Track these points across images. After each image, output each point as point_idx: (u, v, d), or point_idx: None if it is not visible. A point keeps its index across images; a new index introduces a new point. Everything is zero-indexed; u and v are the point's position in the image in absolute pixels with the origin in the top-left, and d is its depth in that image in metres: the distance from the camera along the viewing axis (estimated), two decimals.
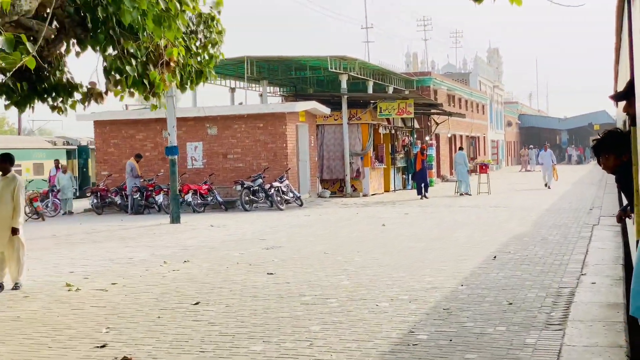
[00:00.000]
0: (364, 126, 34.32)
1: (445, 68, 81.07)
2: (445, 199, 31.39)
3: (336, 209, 27.35)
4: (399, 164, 39.13)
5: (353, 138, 34.28)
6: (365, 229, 19.91)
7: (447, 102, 51.55)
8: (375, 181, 35.32)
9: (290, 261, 14.11)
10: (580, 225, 19.84)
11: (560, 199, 29.55)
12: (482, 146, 65.91)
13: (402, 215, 23.94)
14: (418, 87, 46.29)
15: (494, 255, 14.17)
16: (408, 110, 33.86)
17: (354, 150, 34.07)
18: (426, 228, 19.80)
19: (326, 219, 23.25)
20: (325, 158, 34.51)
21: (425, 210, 26.10)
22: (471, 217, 22.97)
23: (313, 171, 32.13)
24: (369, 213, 25.22)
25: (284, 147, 29.22)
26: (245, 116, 29.53)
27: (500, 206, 27.04)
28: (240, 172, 29.38)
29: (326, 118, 34.60)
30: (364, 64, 34.85)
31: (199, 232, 20.18)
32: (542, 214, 23.52)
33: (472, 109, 61.79)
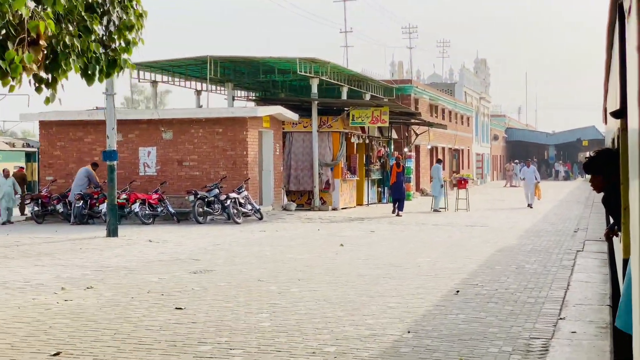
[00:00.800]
0: (335, 135, 32.12)
1: (431, 78, 79.08)
2: (420, 216, 29.20)
3: (298, 224, 25.11)
4: (373, 176, 36.93)
5: (323, 147, 32.07)
6: (320, 250, 17.67)
7: (428, 112, 49.44)
8: (347, 194, 33.10)
9: (213, 290, 11.84)
10: (562, 251, 17.68)
11: (542, 219, 27.40)
12: (466, 159, 63.82)
13: (367, 234, 21.72)
14: (398, 96, 44.17)
15: (457, 289, 11.94)
16: (383, 119, 31.68)
17: (323, 161, 31.86)
18: (388, 250, 17.57)
19: (281, 235, 21.00)
20: (292, 168, 32.28)
21: (394, 228, 23.88)
22: (442, 237, 20.77)
23: (278, 182, 29.88)
24: (331, 230, 22.98)
25: (244, 154, 26.97)
26: (204, 120, 27.28)
27: (476, 225, 24.86)
28: (196, 180, 27.11)
29: (295, 125, 32.39)
30: (337, 68, 32.66)
31: (130, 249, 17.88)
32: (521, 235, 21.34)
33: (456, 121, 59.72)
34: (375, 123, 31.89)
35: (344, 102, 31.69)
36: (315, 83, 31.50)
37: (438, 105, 52.32)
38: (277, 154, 29.75)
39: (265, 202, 29.27)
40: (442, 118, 53.97)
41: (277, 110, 28.74)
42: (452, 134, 57.34)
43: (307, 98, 32.16)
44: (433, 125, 42.24)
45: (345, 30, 66.67)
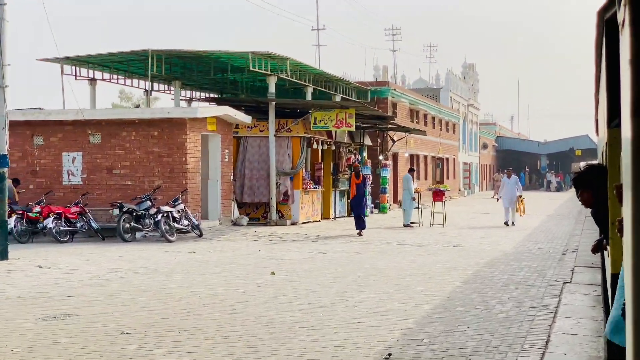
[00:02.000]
0: (296, 140, 28.71)
1: (417, 83, 75.78)
2: (388, 233, 25.79)
3: (241, 243, 21.69)
4: (342, 187, 33.53)
5: (281, 154, 28.66)
6: (242, 280, 14.26)
7: (408, 117, 46.08)
8: (309, 206, 29.67)
9: (39, 352, 8.40)
10: (545, 283, 14.35)
11: (527, 238, 24.02)
12: (451, 169, 60.46)
13: (314, 257, 18.32)
14: (374, 99, 40.80)
15: (388, 353, 8.53)
16: (348, 122, 28.29)
17: (282, 169, 28.45)
18: (328, 282, 14.17)
19: (207, 260, 17.56)
20: (247, 177, 28.85)
21: (350, 249, 20.48)
22: (403, 262, 17.38)
23: (227, 193, 26.45)
24: (275, 251, 19.56)
25: (183, 161, 23.55)
26: (137, 122, 23.84)
27: (449, 245, 21.49)
28: (128, 191, 23.67)
29: (250, 129, 28.99)
30: (299, 65, 29.27)
31: (2, 279, 14.40)
32: (498, 260, 17.99)
33: (441, 128, 56.37)
34: (339, 127, 28.50)
35: (304, 103, 28.28)
36: (272, 81, 28.11)
37: (419, 111, 48.97)
38: (226, 161, 26.33)
39: (212, 216, 25.84)
40: (424, 124, 50.62)
41: (223, 111, 25.33)
42: (436, 142, 54.01)
43: (264, 98, 28.76)
44: (411, 131, 38.86)
45: (318, 28, 63.11)
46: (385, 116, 32.02)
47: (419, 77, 76.89)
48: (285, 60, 27.72)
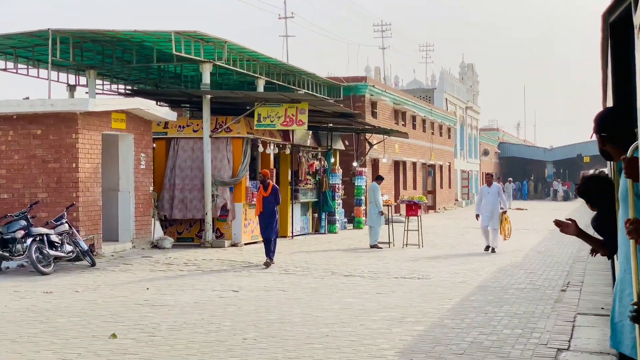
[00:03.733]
0: (237, 142, 23.69)
1: (412, 85, 70.62)
2: (343, 257, 20.76)
3: (139, 274, 16.72)
4: (304, 199, 28.45)
5: (219, 159, 23.65)
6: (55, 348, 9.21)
7: (392, 118, 41.00)
8: (256, 223, 24.54)
9: None
10: (529, 349, 9.32)
11: (518, 263, 18.94)
12: (445, 177, 55.29)
13: (210, 301, 13.35)
14: (348, 97, 35.75)
15: None
16: (300, 120, 23.22)
17: (219, 177, 23.44)
18: (188, 351, 9.14)
19: (47, 308, 12.50)
20: (178, 188, 23.81)
21: (276, 284, 15.49)
22: (330, 310, 12.36)
23: (144, 207, 21.43)
24: (169, 289, 14.56)
25: (72, 168, 18.54)
26: (14, 117, 18.84)
27: (413, 277, 16.46)
28: (5, 206, 18.66)
29: (181, 128, 23.97)
30: (244, 51, 24.28)
31: None
32: (469, 303, 12.97)
33: (433, 131, 51.24)
34: (288, 124, 23.40)
35: (245, 95, 23.15)
36: (206, 70, 23.11)
37: (406, 112, 43.85)
38: (142, 168, 21.30)
39: (123, 237, 20.84)
40: (411, 127, 45.53)
41: (134, 104, 20.34)
42: (427, 147, 48.90)
43: (195, 90, 23.72)
44: (390, 133, 33.79)
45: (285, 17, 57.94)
46: (349, 113, 26.91)
47: (414, 79, 71.76)
48: (222, 44, 22.70)
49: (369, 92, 36.73)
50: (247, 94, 23.39)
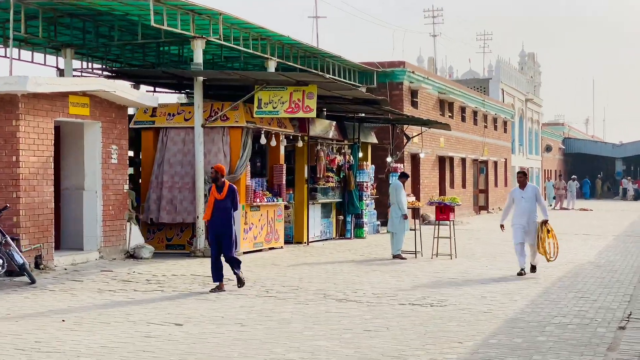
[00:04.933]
0: (235, 132, 20.27)
1: (467, 75, 66.33)
2: (350, 270, 17.23)
3: (79, 297, 13.40)
4: (323, 199, 24.90)
5: (214, 152, 20.28)
6: None
7: (436, 109, 37.15)
8: (260, 228, 21.16)
9: None
10: None
11: (567, 283, 15.12)
12: (501, 175, 51.12)
13: (132, 341, 9.92)
14: (383, 84, 32.10)
15: None
16: (307, 106, 19.64)
17: None
18: None
19: None
20: (166, 186, 20.48)
21: (238, 313, 12.02)
22: (291, 355, 8.79)
23: (117, 210, 18.12)
24: (85, 320, 11.19)
25: (13, 162, 15.30)
26: None
27: (424, 303, 12.88)
28: None
29: (172, 116, 20.63)
30: (247, 26, 20.82)
31: None
32: (487, 346, 9.34)
33: (486, 124, 47.15)
34: (294, 112, 19.82)
35: (242, 76, 19.61)
36: (198, 47, 19.71)
37: (453, 102, 39.90)
38: (113, 163, 17.98)
39: (89, 245, 17.58)
40: (460, 119, 41.58)
41: (95, 84, 16.99)
42: (478, 141, 44.88)
43: (185, 71, 20.33)
44: (428, 124, 30.03)
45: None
46: (372, 100, 23.19)
47: (469, 69, 67.32)
48: (216, 16, 19.27)
49: (408, 78, 32.98)
50: (244, 74, 19.87)
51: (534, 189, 16.26)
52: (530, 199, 16.02)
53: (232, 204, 13.93)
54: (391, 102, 31.78)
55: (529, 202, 15.98)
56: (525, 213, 15.91)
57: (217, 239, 13.93)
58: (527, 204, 15.97)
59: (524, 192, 16.13)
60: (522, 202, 16.05)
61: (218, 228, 13.87)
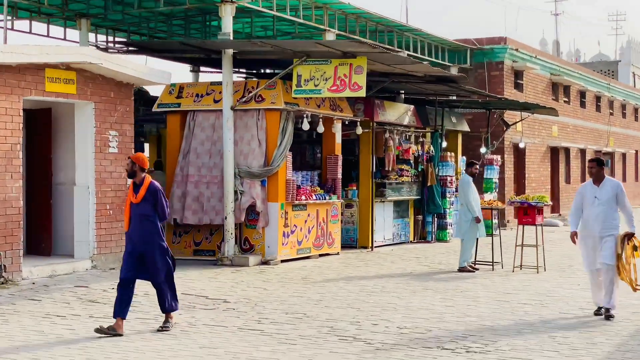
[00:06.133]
0: (272, 115, 16.96)
1: (596, 58, 60.89)
2: (396, 289, 13.59)
3: (9, 329, 10.38)
4: (395, 195, 21.31)
5: (247, 140, 17.07)
6: None
7: (548, 93, 32.80)
8: (307, 231, 17.85)
9: None
10: None
11: None
12: (630, 168, 45.94)
13: None
14: (480, 64, 28.18)
15: None
16: (355, 84, 16.06)
17: (245, 167, 16.80)
18: None
19: None
20: (192, 181, 17.38)
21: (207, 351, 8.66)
22: None
23: (114, 208, 15.03)
24: None
25: None
26: None
27: (459, 350, 9.14)
28: None
29: (199, 97, 17.50)
30: None
31: None
32: None
33: (612, 111, 42.20)
34: (339, 90, 16.28)
35: (275, 46, 16.18)
36: (228, 13, 16.45)
37: (570, 86, 35.36)
38: (111, 152, 14.97)
39: (79, 252, 14.64)
40: (578, 105, 36.97)
41: (79, 55, 13.90)
42: (601, 130, 40.05)
43: (212, 41, 17.09)
44: (531, 109, 25.91)
45: None
46: (448, 77, 19.36)
47: (598, 52, 61.96)
48: None
49: (510, 57, 28.86)
50: (277, 44, 16.43)
51: (615, 186, 11.34)
52: (608, 200, 11.15)
53: (153, 209, 10.27)
54: (489, 84, 27.93)
55: (605, 205, 11.13)
56: (598, 221, 11.07)
57: (138, 259, 10.15)
58: (602, 208, 11.11)
59: (598, 189, 11.27)
60: (594, 205, 11.18)
61: (137, 244, 10.09)
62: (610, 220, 11.10)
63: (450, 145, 25.32)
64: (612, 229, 11.04)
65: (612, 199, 11.19)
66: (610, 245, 10.90)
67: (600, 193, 11.26)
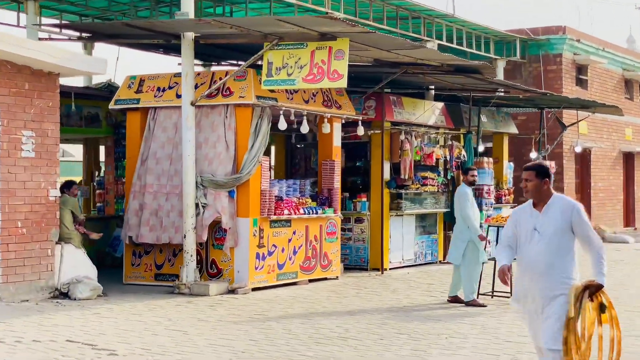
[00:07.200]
0: (242, 112, 13.97)
1: None
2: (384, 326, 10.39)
3: None
4: (414, 208, 18.02)
5: (212, 142, 14.12)
6: None
7: (618, 91, 28.87)
8: (293, 252, 14.78)
9: None
10: None
11: None
12: None
13: None
14: (535, 56, 24.67)
15: None
16: (335, 72, 12.87)
17: (209, 174, 13.86)
18: None
19: None
20: (150, 191, 14.53)
21: None
22: None
23: (37, 227, 12.25)
24: None
25: None
26: None
27: None
28: None
29: (161, 92, 14.64)
30: None
31: None
32: None
33: None
34: (315, 80, 13.10)
35: (240, 27, 13.10)
36: None
37: None
38: (24, 157, 12.20)
39: None
40: None
41: None
42: None
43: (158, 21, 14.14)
44: (591, 107, 22.28)
45: None
46: (469, 67, 15.95)
47: None
48: None
49: (571, 49, 25.21)
50: (243, 22, 13.34)
51: (568, 209, 6.67)
52: (556, 234, 6.66)
53: None
54: (545, 79, 24.33)
55: (551, 242, 6.65)
56: (538, 270, 6.66)
57: None
58: (545, 248, 6.65)
59: (540, 216, 6.75)
60: (533, 242, 6.73)
61: None
62: (559, 269, 6.61)
63: (495, 149, 22.01)
64: (561, 284, 6.58)
65: (563, 232, 6.64)
66: (557, 317, 6.50)
67: (542, 222, 6.70)
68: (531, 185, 6.73)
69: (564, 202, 6.73)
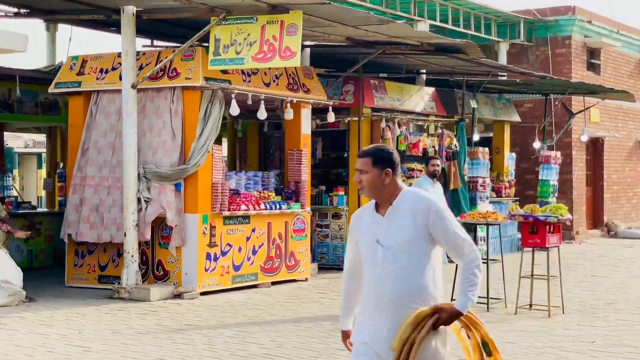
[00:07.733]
0: (190, 96, 12.45)
1: None
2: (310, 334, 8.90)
3: None
4: None
5: (157, 129, 12.66)
6: None
7: (637, 77, 26.95)
8: (253, 252, 13.27)
9: None
10: None
11: None
12: None
13: None
14: (542, 39, 22.94)
15: None
16: (287, 50, 11.32)
17: (152, 166, 12.40)
18: None
19: None
20: (91, 184, 13.10)
21: None
22: None
23: None
24: None
25: None
26: None
27: None
28: None
29: (104, 74, 13.19)
30: None
31: None
32: None
33: None
34: (266, 58, 11.52)
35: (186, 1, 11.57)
36: None
37: None
38: None
39: None
40: None
41: None
42: None
43: None
44: (600, 93, 20.58)
45: None
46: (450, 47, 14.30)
47: None
48: None
49: (581, 31, 23.43)
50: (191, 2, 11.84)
51: (423, 208, 4.51)
52: (406, 245, 4.50)
53: None
54: (553, 63, 22.63)
55: (395, 254, 4.50)
56: (382, 295, 4.51)
57: None
58: (388, 266, 4.50)
59: (384, 220, 4.57)
60: (376, 259, 4.54)
61: None
62: (411, 295, 4.49)
63: (495, 139, 20.43)
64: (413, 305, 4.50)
65: (416, 241, 4.52)
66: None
67: (386, 231, 4.58)
68: (367, 178, 4.56)
69: (416, 200, 4.55)
